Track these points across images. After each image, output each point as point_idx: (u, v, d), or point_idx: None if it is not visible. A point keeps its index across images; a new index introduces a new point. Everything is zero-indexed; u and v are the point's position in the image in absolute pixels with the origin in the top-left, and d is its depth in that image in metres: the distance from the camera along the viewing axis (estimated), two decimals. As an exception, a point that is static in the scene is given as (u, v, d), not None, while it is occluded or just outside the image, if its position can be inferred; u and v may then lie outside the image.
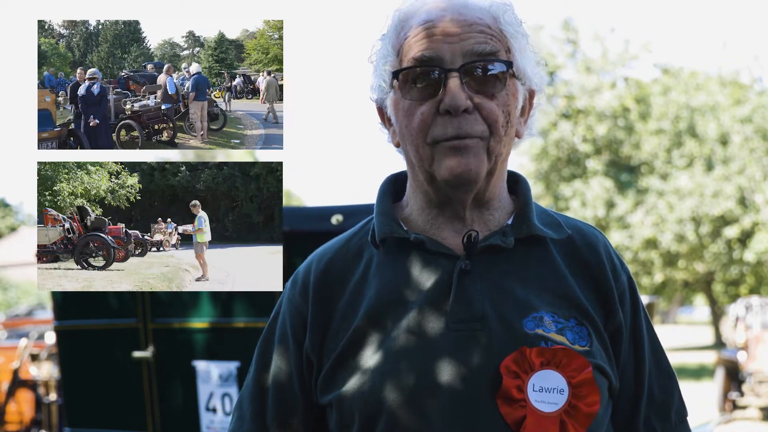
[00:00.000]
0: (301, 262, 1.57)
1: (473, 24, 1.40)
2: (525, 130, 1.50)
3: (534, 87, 1.49)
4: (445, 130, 1.37)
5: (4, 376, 9.73)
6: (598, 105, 23.74)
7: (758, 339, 13.25)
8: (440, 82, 1.38)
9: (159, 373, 4.12)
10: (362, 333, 1.41)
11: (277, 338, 1.52)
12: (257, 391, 1.52)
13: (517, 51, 1.43)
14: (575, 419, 1.35)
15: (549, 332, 1.38)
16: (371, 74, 1.49)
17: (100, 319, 4.25)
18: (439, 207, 1.46)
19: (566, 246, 1.48)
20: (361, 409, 1.37)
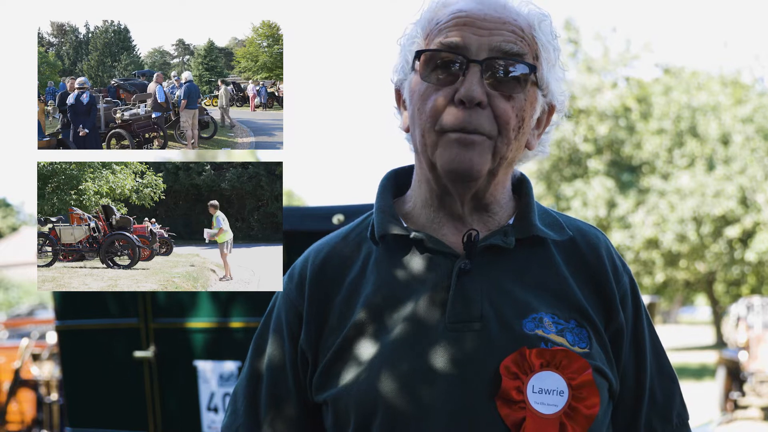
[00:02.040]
0: None
1: (506, 23, 1.40)
2: (537, 143, 1.49)
3: (555, 103, 1.48)
4: (454, 120, 1.36)
5: (6, 375, 9.73)
6: (599, 105, 23.72)
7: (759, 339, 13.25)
8: (460, 71, 1.38)
9: (160, 373, 4.12)
10: (359, 330, 1.40)
11: (272, 333, 1.50)
12: (251, 385, 1.51)
13: (544, 61, 1.43)
14: (575, 421, 1.34)
15: (549, 333, 1.37)
16: (397, 55, 1.48)
17: (102, 318, 4.25)
18: (440, 200, 1.44)
19: (568, 247, 1.47)
20: (357, 409, 1.36)
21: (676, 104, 23.92)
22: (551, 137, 1.54)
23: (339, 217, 3.74)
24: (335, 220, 3.72)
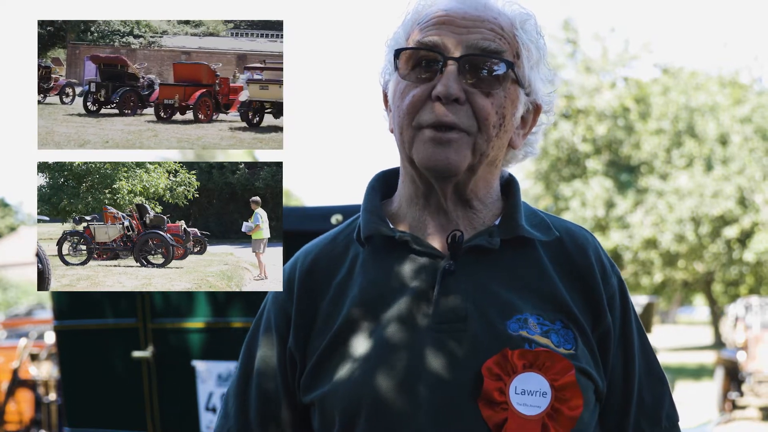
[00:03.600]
0: None
1: (486, 21, 1.41)
2: (522, 142, 1.49)
3: (540, 102, 1.48)
4: (431, 115, 1.37)
5: (4, 375, 9.73)
6: (597, 105, 23.73)
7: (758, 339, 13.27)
8: (438, 68, 1.38)
9: (159, 372, 4.13)
10: (345, 332, 1.40)
11: (262, 335, 1.51)
12: (242, 387, 1.51)
13: (526, 59, 1.43)
14: (558, 423, 1.33)
15: (533, 334, 1.36)
16: (384, 57, 1.50)
17: (100, 318, 4.25)
18: (424, 197, 1.45)
19: (555, 248, 1.47)
20: (342, 409, 1.36)
21: (674, 104, 23.93)
22: (540, 137, 1.54)
23: (338, 217, 3.75)
24: (334, 220, 3.73)
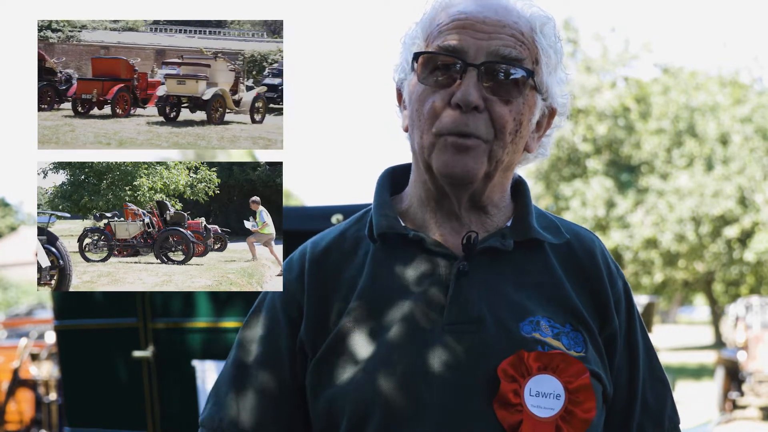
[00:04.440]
0: None
1: (506, 26, 1.39)
2: (537, 146, 1.48)
3: (556, 106, 1.48)
4: (451, 123, 1.36)
5: (4, 375, 9.73)
6: (598, 105, 23.72)
7: (758, 339, 13.27)
8: (458, 74, 1.37)
9: (159, 372, 4.13)
10: (354, 328, 1.38)
11: (265, 325, 1.47)
12: (237, 377, 1.47)
13: (544, 65, 1.43)
14: (571, 425, 1.33)
15: (545, 337, 1.36)
16: (399, 53, 1.48)
17: (100, 318, 4.25)
18: (437, 201, 1.44)
19: (564, 251, 1.47)
20: (353, 410, 1.34)
21: (674, 104, 23.92)
22: (552, 139, 1.53)
23: (338, 216, 3.75)
24: (334, 220, 3.73)
